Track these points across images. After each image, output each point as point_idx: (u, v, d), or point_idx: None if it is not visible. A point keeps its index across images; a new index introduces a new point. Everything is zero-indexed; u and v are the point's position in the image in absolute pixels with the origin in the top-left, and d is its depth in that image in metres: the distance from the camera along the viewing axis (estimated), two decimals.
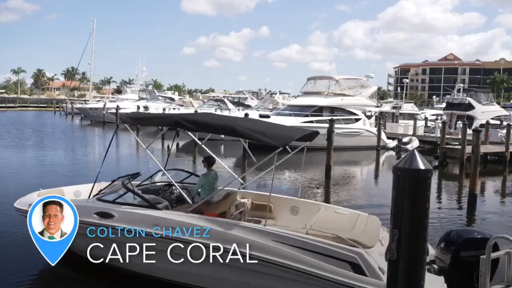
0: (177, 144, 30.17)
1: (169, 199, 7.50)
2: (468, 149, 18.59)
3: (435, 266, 5.40)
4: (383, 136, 29.73)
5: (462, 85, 42.85)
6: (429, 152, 25.95)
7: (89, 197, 7.19)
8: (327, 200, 14.91)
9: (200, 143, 9.45)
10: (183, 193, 7.05)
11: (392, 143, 30.15)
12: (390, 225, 4.22)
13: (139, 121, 7.83)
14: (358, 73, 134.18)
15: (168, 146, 27.13)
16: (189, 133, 8.57)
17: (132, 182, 7.57)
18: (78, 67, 77.22)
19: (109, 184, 7.64)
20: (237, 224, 6.00)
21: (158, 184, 8.01)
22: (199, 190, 7.59)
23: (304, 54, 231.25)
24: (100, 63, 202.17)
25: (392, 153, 28.80)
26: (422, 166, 4.06)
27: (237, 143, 25.40)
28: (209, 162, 7.99)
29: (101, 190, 7.53)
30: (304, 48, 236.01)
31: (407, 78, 76.50)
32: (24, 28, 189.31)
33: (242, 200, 7.62)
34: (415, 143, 29.49)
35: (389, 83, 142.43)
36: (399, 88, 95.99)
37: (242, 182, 8.19)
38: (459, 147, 22.48)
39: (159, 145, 29.51)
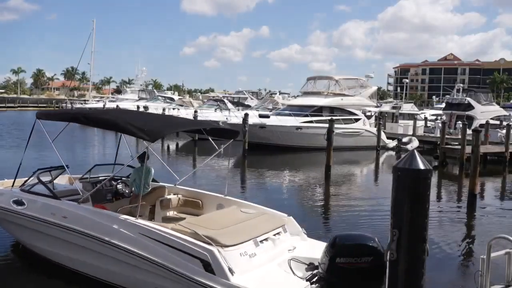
0: (177, 144, 30.20)
1: (109, 192, 7.96)
2: (468, 149, 18.60)
3: (319, 271, 5.08)
4: (383, 136, 29.75)
5: (461, 85, 42.88)
6: (429, 152, 25.96)
7: (12, 186, 7.85)
8: (326, 200, 14.93)
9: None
10: (126, 187, 7.67)
11: (392, 143, 30.16)
12: (390, 225, 4.23)
13: (49, 117, 8.27)
14: (358, 73, 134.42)
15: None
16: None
17: (73, 176, 8.27)
18: (78, 67, 77.17)
19: (31, 176, 8.01)
20: (110, 215, 6.33)
21: (100, 177, 8.29)
22: (133, 183, 7.88)
23: (304, 54, 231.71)
24: (100, 63, 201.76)
25: (392, 153, 28.82)
26: (422, 166, 4.06)
27: (236, 143, 25.46)
28: (142, 158, 8.12)
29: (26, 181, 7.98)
30: (304, 48, 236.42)
31: (407, 78, 76.49)
32: (24, 28, 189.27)
33: (168, 196, 7.78)
34: (415, 143, 29.49)
35: (389, 83, 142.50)
36: (399, 88, 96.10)
37: (178, 178, 8.45)
38: (459, 147, 22.49)
39: (159, 145, 29.52)
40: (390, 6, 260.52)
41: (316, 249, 5.76)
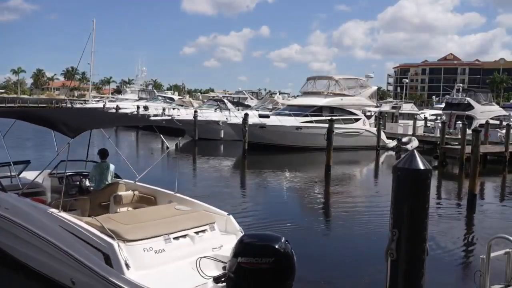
0: (177, 144, 30.20)
1: (74, 187, 8.32)
2: (468, 149, 18.60)
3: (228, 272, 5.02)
4: (383, 136, 29.75)
5: (461, 85, 42.86)
6: (429, 152, 25.96)
7: None
8: (326, 200, 14.93)
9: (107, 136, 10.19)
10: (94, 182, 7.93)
11: (392, 143, 30.16)
12: (390, 225, 4.23)
13: (2, 115, 8.88)
14: (358, 73, 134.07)
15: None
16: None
17: (45, 170, 8.58)
18: (78, 67, 76.73)
19: None
20: (37, 207, 6.56)
21: (68, 173, 8.47)
22: (93, 179, 8.18)
23: (304, 54, 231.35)
24: (100, 63, 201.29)
25: (392, 153, 28.82)
26: (421, 166, 4.06)
27: (236, 143, 25.55)
28: (102, 154, 8.32)
29: None
30: (304, 48, 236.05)
31: (406, 78, 76.46)
32: (24, 28, 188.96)
33: (121, 193, 7.91)
34: (415, 143, 29.50)
35: (388, 83, 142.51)
36: (398, 88, 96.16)
37: (137, 175, 8.52)
38: (459, 147, 22.50)
39: (159, 144, 29.53)
40: (390, 6, 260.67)
41: None
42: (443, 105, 40.96)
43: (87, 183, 8.27)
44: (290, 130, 26.22)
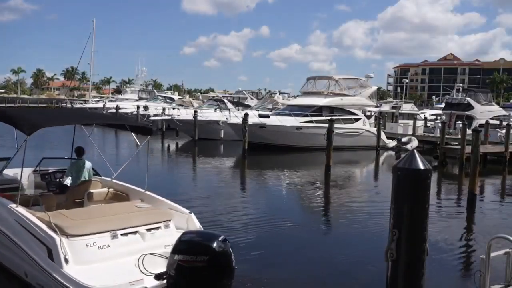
0: (177, 144, 30.22)
1: (54, 184, 8.57)
2: (468, 149, 18.59)
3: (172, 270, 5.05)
4: (383, 136, 29.75)
5: (461, 85, 42.84)
6: (429, 152, 25.95)
7: None
8: (326, 199, 14.93)
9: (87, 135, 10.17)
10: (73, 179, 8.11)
11: (392, 143, 30.17)
12: (390, 225, 4.23)
13: None
14: (358, 73, 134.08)
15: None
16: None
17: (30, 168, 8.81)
18: (77, 67, 76.55)
19: None
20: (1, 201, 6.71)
21: (50, 170, 8.85)
22: (70, 176, 8.35)
23: (304, 54, 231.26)
24: (100, 63, 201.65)
25: (392, 153, 28.82)
26: (421, 166, 4.07)
27: (236, 143, 25.55)
28: (78, 152, 8.52)
29: None
30: (304, 48, 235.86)
31: (406, 78, 76.40)
32: (24, 28, 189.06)
33: (94, 190, 8.06)
34: (415, 143, 29.50)
35: (388, 83, 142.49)
36: (398, 88, 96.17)
37: (114, 173, 8.63)
38: (459, 147, 22.48)
39: (159, 144, 29.58)
40: (390, 6, 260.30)
41: None
42: (443, 105, 40.96)
43: (67, 180, 8.41)
44: (290, 130, 26.22)
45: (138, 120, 37.92)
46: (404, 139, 30.47)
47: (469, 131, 19.13)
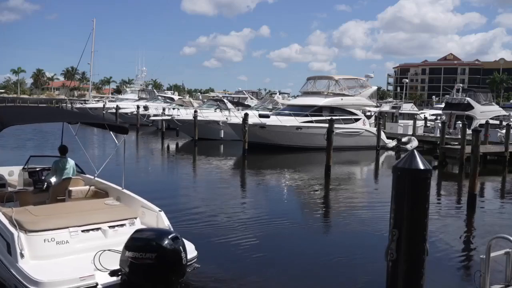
0: (177, 144, 30.22)
1: (41, 182, 8.66)
2: (468, 149, 18.58)
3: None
4: (383, 136, 29.74)
5: (461, 85, 42.80)
6: (429, 152, 25.96)
7: None
8: (326, 200, 14.93)
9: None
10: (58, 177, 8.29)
11: (392, 143, 30.18)
12: (390, 225, 4.23)
13: None
14: (358, 73, 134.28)
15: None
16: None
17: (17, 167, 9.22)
18: (78, 67, 76.87)
19: None
20: None
21: (37, 168, 9.07)
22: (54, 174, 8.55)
23: (304, 54, 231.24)
24: (100, 63, 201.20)
25: (392, 153, 28.83)
26: (421, 166, 4.07)
27: (236, 143, 25.54)
28: (61, 150, 8.70)
29: None
30: (304, 48, 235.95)
31: (406, 78, 76.37)
32: (25, 28, 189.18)
33: (74, 187, 8.24)
34: (414, 143, 29.50)
35: (388, 83, 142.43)
36: (398, 88, 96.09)
37: (96, 171, 8.84)
38: (459, 147, 22.49)
39: (159, 144, 29.58)
40: (390, 6, 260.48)
41: None
42: (443, 105, 40.96)
43: (53, 178, 8.59)
44: (290, 130, 26.22)
45: (139, 120, 38.14)
46: (404, 139, 30.48)
47: (469, 131, 19.13)
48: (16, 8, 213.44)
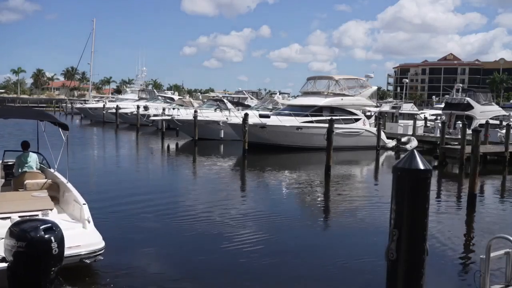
0: (177, 144, 30.21)
1: (11, 173, 9.43)
2: (468, 149, 18.58)
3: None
4: (383, 136, 29.74)
5: (461, 85, 42.77)
6: (429, 152, 25.96)
7: None
8: (326, 200, 14.93)
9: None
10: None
11: (392, 143, 30.18)
12: (390, 225, 4.23)
13: None
14: (358, 73, 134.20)
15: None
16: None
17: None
18: (78, 67, 76.81)
19: None
20: None
21: (10, 162, 9.78)
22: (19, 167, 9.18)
23: (304, 54, 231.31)
24: (100, 63, 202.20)
25: (392, 153, 28.83)
26: (421, 166, 4.07)
27: (236, 143, 25.53)
28: (23, 145, 9.34)
29: None
30: (304, 48, 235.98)
31: (406, 78, 76.31)
32: (25, 28, 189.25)
33: (31, 180, 8.67)
34: (414, 143, 29.50)
35: (388, 83, 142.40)
36: (398, 88, 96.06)
37: (56, 165, 9.48)
38: (459, 147, 22.48)
39: (159, 144, 29.58)
40: (390, 6, 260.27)
41: (87, 238, 6.61)
42: (443, 105, 40.95)
43: (18, 171, 9.16)
44: (290, 130, 26.22)
45: (139, 120, 38.12)
46: (403, 139, 30.47)
47: (469, 131, 19.12)
48: (16, 8, 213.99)
